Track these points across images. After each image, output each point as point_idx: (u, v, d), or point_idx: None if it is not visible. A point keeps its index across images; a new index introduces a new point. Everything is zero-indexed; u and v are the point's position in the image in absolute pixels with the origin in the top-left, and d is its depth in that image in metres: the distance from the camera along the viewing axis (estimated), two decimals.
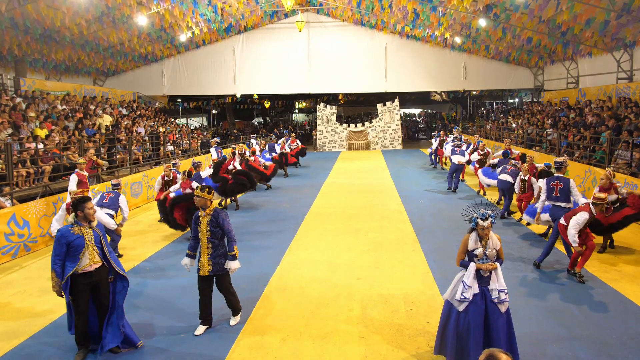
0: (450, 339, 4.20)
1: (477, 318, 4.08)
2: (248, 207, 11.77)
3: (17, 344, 5.01)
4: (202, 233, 5.10)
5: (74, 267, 4.54)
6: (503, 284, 4.15)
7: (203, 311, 5.22)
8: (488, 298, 4.13)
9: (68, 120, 14.71)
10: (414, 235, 8.78)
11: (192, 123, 34.38)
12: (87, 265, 4.61)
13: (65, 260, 4.56)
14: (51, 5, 13.72)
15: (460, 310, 4.16)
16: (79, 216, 4.63)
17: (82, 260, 4.58)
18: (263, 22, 24.75)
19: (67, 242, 4.53)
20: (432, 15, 19.10)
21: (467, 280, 4.15)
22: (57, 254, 4.53)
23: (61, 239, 4.53)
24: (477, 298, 4.13)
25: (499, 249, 4.23)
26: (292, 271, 6.99)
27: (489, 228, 4.19)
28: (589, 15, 13.67)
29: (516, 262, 7.22)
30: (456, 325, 4.18)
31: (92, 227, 4.70)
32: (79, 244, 4.56)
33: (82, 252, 4.58)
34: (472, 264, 4.18)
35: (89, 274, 4.63)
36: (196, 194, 5.08)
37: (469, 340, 4.08)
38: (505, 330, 4.09)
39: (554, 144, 15.12)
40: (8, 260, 7.87)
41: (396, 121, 26.35)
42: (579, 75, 19.84)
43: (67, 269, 4.54)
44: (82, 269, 4.59)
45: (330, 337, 4.98)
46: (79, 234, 4.60)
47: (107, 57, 20.87)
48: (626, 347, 4.70)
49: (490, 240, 4.23)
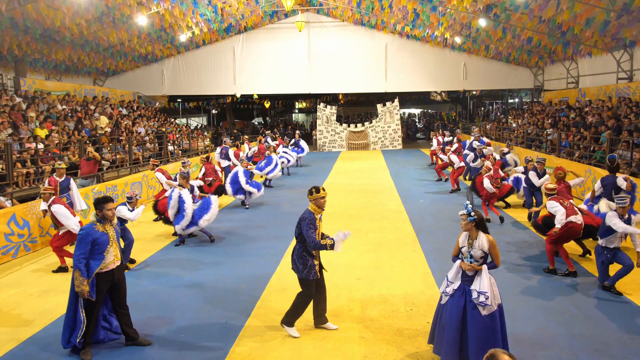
0: (436, 329, 4.42)
1: (452, 313, 4.19)
2: (248, 207, 11.76)
3: (16, 344, 5.00)
4: (319, 235, 5.03)
5: (99, 265, 4.57)
6: (484, 286, 4.09)
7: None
8: (468, 297, 4.17)
9: (68, 120, 14.72)
10: (414, 235, 8.78)
11: (192, 123, 34.38)
12: (111, 262, 4.66)
13: (89, 259, 4.55)
14: (51, 5, 13.72)
15: (442, 303, 4.36)
16: (98, 215, 4.68)
17: (106, 258, 4.62)
18: (263, 22, 24.74)
19: (93, 239, 4.55)
20: (432, 15, 19.10)
21: (450, 275, 4.37)
22: (82, 252, 4.51)
23: (86, 237, 4.54)
24: (457, 294, 4.25)
25: (486, 250, 4.20)
26: (292, 271, 6.95)
27: (463, 220, 4.27)
28: (589, 15, 13.67)
29: (516, 263, 7.22)
30: (439, 317, 4.39)
31: (113, 224, 4.78)
32: (104, 241, 4.61)
33: (107, 250, 4.62)
34: (458, 261, 4.35)
35: (111, 272, 4.67)
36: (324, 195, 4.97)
37: (444, 334, 4.24)
38: (486, 332, 4.04)
39: (554, 144, 15.12)
40: (8, 260, 7.87)
41: (396, 121, 26.36)
42: (579, 75, 19.84)
43: (92, 267, 4.54)
44: (106, 266, 4.63)
45: (330, 337, 4.98)
46: (103, 231, 4.64)
47: (107, 57, 20.87)
48: (626, 347, 4.70)
49: (478, 240, 4.24)
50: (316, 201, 4.95)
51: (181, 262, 7.57)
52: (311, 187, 5.03)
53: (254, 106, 37.71)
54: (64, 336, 4.64)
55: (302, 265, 4.98)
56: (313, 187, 5.02)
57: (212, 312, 5.64)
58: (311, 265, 4.96)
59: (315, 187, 5.00)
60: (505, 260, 7.32)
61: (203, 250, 8.24)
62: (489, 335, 4.04)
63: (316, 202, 4.96)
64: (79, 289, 4.46)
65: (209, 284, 6.54)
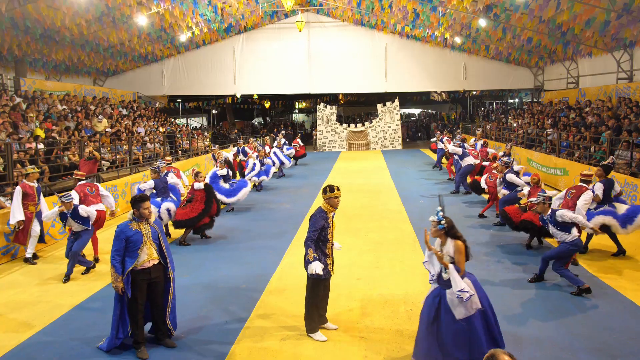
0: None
1: (425, 312, 4.28)
2: (248, 207, 11.77)
3: (17, 344, 5.00)
4: (332, 234, 5.04)
5: (133, 263, 4.64)
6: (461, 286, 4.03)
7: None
8: (443, 300, 4.19)
9: (68, 120, 14.71)
10: (414, 235, 8.77)
11: (192, 123, 34.37)
12: (146, 261, 4.71)
13: (124, 256, 4.64)
14: (51, 5, 13.72)
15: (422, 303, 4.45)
16: (135, 213, 4.73)
17: (140, 256, 4.68)
18: (263, 22, 24.74)
19: (126, 237, 4.63)
20: (432, 16, 19.09)
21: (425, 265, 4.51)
22: (116, 249, 4.62)
23: (120, 235, 4.63)
24: (432, 294, 4.30)
25: (452, 255, 4.17)
26: (292, 271, 6.99)
27: (433, 227, 4.25)
28: (589, 15, 13.67)
29: (516, 263, 7.22)
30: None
31: (150, 223, 4.80)
32: (137, 239, 4.67)
33: (140, 248, 4.68)
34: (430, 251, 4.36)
35: (147, 271, 4.72)
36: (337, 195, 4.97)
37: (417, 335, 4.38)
38: (461, 336, 4.04)
39: (554, 144, 15.11)
40: (8, 260, 7.87)
41: (396, 121, 26.37)
42: (579, 75, 19.83)
43: (127, 264, 4.63)
44: (141, 264, 4.69)
45: (331, 337, 4.97)
46: (137, 229, 4.71)
47: (107, 57, 20.86)
48: (626, 347, 4.70)
49: (446, 246, 4.24)
50: (329, 200, 4.94)
51: (181, 262, 7.56)
52: (325, 186, 5.00)
53: (254, 106, 37.69)
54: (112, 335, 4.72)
55: None
56: (327, 185, 4.99)
57: (212, 312, 5.64)
58: (323, 263, 4.93)
59: (329, 186, 4.97)
60: (505, 260, 7.32)
61: (203, 250, 8.24)
62: (463, 339, 4.03)
63: (329, 201, 4.94)
64: (114, 284, 4.61)
65: (209, 284, 6.54)
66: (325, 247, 4.98)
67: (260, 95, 29.97)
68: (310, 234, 4.88)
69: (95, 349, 4.81)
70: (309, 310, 5.01)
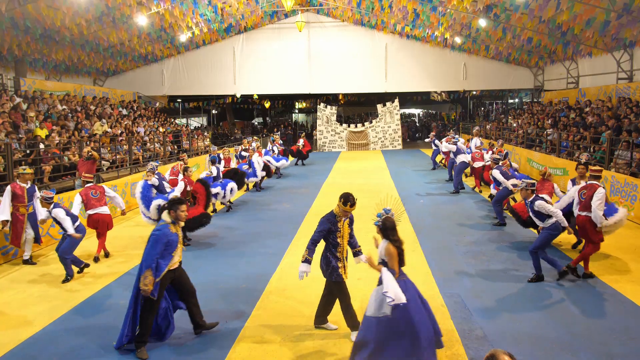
0: None
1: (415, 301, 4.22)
2: (248, 206, 11.77)
3: (17, 343, 5.01)
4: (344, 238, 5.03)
5: (167, 265, 4.67)
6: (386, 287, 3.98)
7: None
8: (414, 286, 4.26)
9: (68, 120, 14.71)
10: (414, 236, 8.78)
11: (192, 123, 34.36)
12: (177, 262, 4.79)
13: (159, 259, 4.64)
14: (51, 5, 13.72)
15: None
16: (172, 215, 4.76)
17: (174, 258, 4.73)
18: (263, 22, 24.74)
19: (167, 240, 4.64)
20: (432, 16, 19.09)
21: None
22: (157, 252, 4.60)
23: (162, 238, 4.63)
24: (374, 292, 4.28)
25: (383, 257, 4.17)
26: (292, 271, 6.98)
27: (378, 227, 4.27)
28: (589, 15, 13.67)
29: (516, 262, 7.22)
30: None
31: (180, 225, 4.90)
32: (174, 241, 4.73)
33: (175, 250, 4.73)
34: None
35: (173, 271, 4.78)
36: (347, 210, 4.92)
37: None
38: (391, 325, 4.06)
39: (554, 144, 15.11)
40: (8, 260, 7.87)
41: (396, 121, 26.36)
42: (579, 75, 19.83)
43: (161, 267, 4.63)
44: (172, 265, 4.74)
45: (331, 337, 4.98)
46: (175, 232, 4.76)
47: (107, 57, 20.86)
48: (626, 347, 4.70)
49: (379, 245, 4.26)
50: (342, 209, 4.91)
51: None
52: (344, 194, 4.90)
53: (254, 106, 37.68)
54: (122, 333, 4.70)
55: (325, 266, 5.02)
56: (347, 195, 4.87)
57: (212, 312, 5.63)
58: (334, 267, 4.94)
59: (345, 197, 4.84)
60: (505, 260, 7.32)
61: (203, 250, 8.24)
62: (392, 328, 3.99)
63: (342, 210, 4.91)
64: (145, 287, 4.50)
65: (209, 284, 6.54)
66: (337, 250, 4.99)
67: (260, 95, 29.96)
68: (314, 235, 4.93)
69: (95, 348, 4.82)
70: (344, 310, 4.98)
